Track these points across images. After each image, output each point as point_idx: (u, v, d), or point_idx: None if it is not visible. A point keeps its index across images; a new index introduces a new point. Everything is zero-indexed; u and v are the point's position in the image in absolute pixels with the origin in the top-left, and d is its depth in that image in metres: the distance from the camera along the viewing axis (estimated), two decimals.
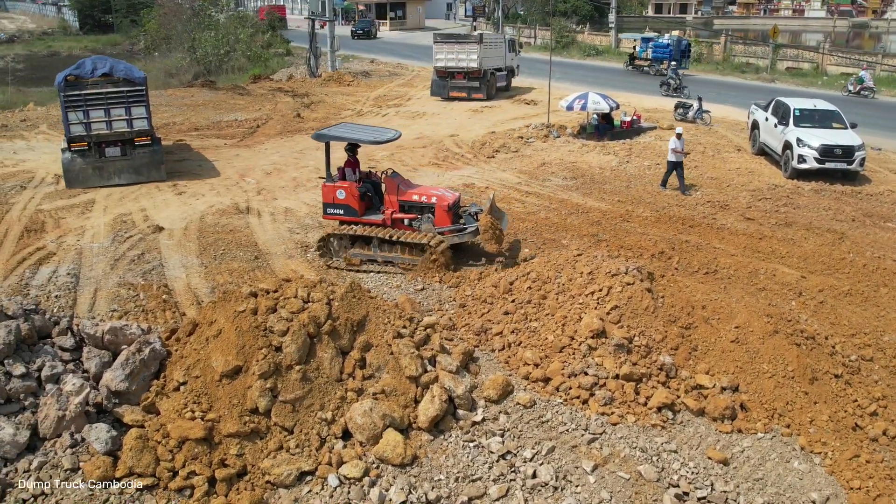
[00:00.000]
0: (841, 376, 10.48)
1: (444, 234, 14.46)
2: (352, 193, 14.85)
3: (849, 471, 8.99)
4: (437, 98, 35.49)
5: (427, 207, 14.84)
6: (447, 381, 9.80)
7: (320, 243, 15.11)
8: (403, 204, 14.91)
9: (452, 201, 14.86)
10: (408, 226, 14.89)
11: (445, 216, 14.69)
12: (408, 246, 14.50)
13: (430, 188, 15.77)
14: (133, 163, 20.00)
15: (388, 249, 14.65)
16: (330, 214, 15.26)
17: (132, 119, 19.74)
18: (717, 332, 10.69)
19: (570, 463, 8.98)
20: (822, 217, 17.77)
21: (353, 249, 14.87)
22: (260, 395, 9.18)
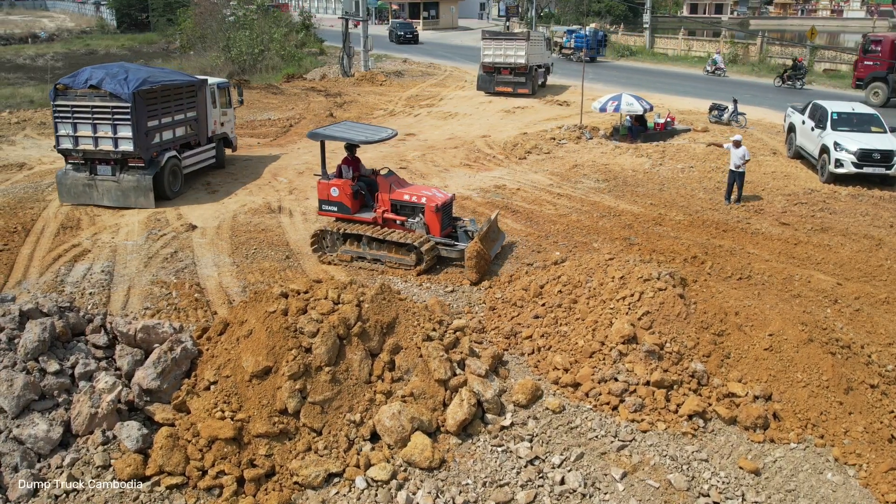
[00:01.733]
0: (877, 386, 10.28)
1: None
2: (345, 191, 15.05)
3: (884, 484, 8.80)
4: (480, 93, 36.32)
5: (417, 208, 14.94)
6: (476, 385, 9.77)
7: (313, 239, 15.38)
8: (395, 203, 15.06)
9: (442, 202, 14.90)
10: (400, 225, 15.02)
11: (434, 217, 14.78)
12: (396, 245, 14.66)
13: (423, 188, 15.83)
14: (121, 185, 18.14)
15: (377, 248, 14.84)
16: (324, 211, 15.51)
17: (117, 138, 17.83)
18: (750, 340, 10.54)
19: (599, 470, 8.90)
20: (860, 223, 17.46)
21: (345, 246, 15.08)
22: (289, 395, 9.21)
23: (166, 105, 18.78)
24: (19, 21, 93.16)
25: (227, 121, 22.25)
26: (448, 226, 15.29)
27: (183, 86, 19.51)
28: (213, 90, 21.26)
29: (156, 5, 79.38)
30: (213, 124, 21.23)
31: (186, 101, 19.67)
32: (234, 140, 22.87)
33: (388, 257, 14.75)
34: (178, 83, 19.32)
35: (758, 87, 39.40)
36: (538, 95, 35.71)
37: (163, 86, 18.50)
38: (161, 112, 18.59)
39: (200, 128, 20.44)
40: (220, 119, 21.81)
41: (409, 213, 15.09)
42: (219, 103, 21.60)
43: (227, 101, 22.24)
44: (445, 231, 15.16)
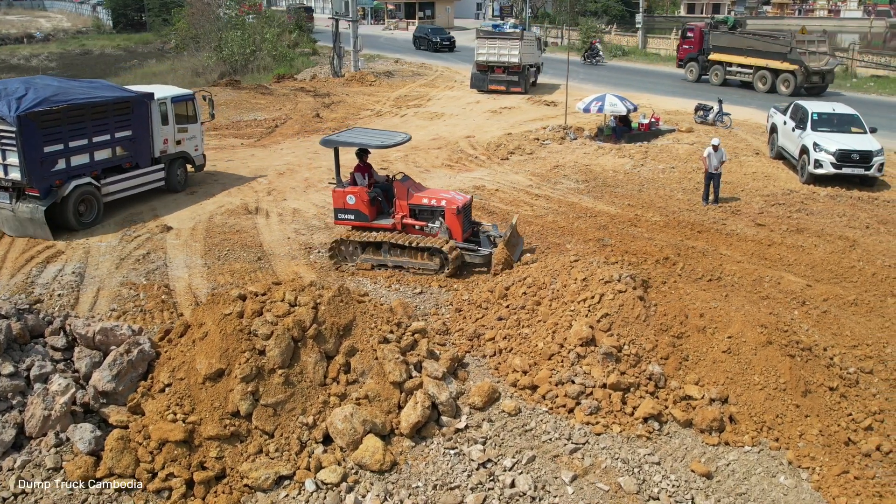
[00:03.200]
0: (836, 389, 10.25)
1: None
2: (361, 198, 14.75)
3: (836, 487, 8.77)
4: (469, 93, 36.65)
5: (437, 211, 14.66)
6: (431, 388, 9.75)
7: (331, 250, 14.99)
8: (414, 208, 14.76)
9: (463, 204, 14.65)
10: (420, 230, 14.71)
11: (455, 219, 14.50)
12: (419, 250, 14.36)
13: (441, 191, 15.61)
14: (16, 215, 16.30)
15: (399, 254, 14.54)
16: (341, 220, 15.16)
17: (7, 165, 16.07)
18: (709, 342, 10.51)
19: (550, 473, 8.87)
20: (836, 224, 17.42)
21: (364, 254, 14.74)
22: (241, 398, 9.20)
23: (78, 126, 16.77)
24: (16, 21, 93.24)
25: (188, 138, 20.05)
26: (468, 228, 15.00)
27: (107, 103, 17.42)
28: (166, 105, 19.26)
29: (152, 5, 79.41)
30: (161, 143, 19.13)
31: (114, 119, 17.62)
32: (199, 158, 20.64)
33: (411, 263, 14.43)
34: (96, 101, 17.16)
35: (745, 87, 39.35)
36: (525, 96, 35.66)
37: (71, 105, 16.46)
38: (68, 135, 16.56)
39: (139, 148, 18.38)
40: (177, 137, 19.68)
41: (427, 218, 14.77)
42: (173, 119, 19.48)
43: (190, 116, 20.18)
44: (466, 233, 14.88)
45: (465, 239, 14.79)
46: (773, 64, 36.88)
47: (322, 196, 19.48)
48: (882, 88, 38.19)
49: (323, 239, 16.37)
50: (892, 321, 12.69)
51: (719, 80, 40.20)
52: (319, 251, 15.69)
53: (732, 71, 39.47)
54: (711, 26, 42.78)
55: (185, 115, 20.04)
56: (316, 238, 16.45)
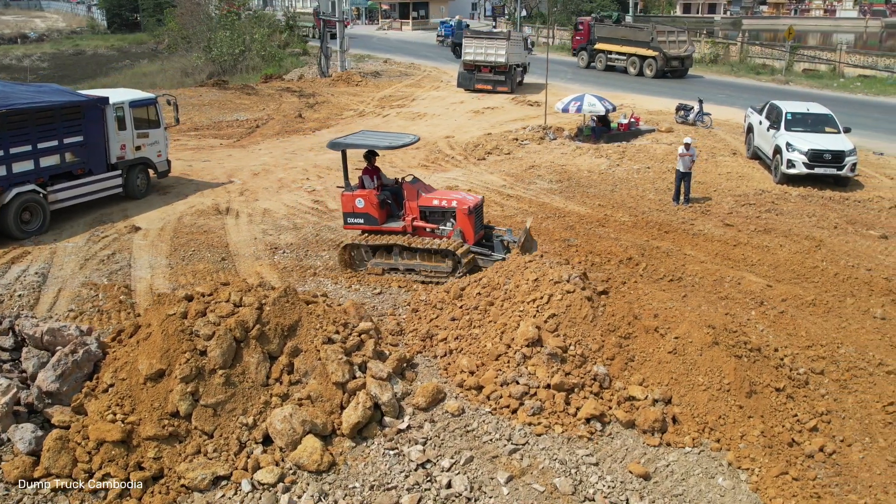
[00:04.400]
0: (783, 390, 10.23)
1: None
2: (371, 202, 14.48)
3: (774, 488, 8.75)
4: (453, 93, 36.86)
5: (449, 212, 14.42)
6: (373, 388, 9.73)
7: (341, 255, 14.83)
8: (424, 210, 14.52)
9: (474, 205, 14.39)
10: (431, 233, 14.45)
11: (467, 220, 14.24)
12: (430, 253, 14.14)
13: (451, 192, 15.43)
14: None
15: (410, 257, 14.33)
16: (350, 224, 14.89)
17: None
18: (656, 343, 10.49)
19: (487, 474, 8.85)
20: (804, 224, 17.41)
21: (375, 258, 14.56)
22: (181, 398, 9.19)
23: (20, 132, 16.44)
24: (11, 21, 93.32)
25: (149, 143, 19.62)
26: (481, 229, 14.79)
27: (53, 108, 17.11)
28: (123, 110, 18.87)
29: (146, 5, 79.43)
30: (118, 149, 18.78)
31: (62, 125, 17.28)
32: (162, 164, 20.15)
33: (423, 266, 14.20)
34: (41, 106, 16.85)
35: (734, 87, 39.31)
36: (510, 96, 35.70)
37: (10, 111, 16.11)
38: (8, 140, 16.23)
39: (92, 154, 18.04)
40: (137, 142, 19.29)
41: (438, 220, 14.54)
42: (131, 125, 19.09)
43: (152, 121, 19.80)
44: (478, 235, 14.67)
45: (477, 240, 14.56)
46: (640, 51, 43.31)
47: (294, 196, 19.50)
48: (868, 88, 38.21)
49: (290, 239, 16.38)
50: (848, 321, 12.68)
51: (602, 66, 46.55)
52: (284, 251, 15.69)
53: (612, 58, 45.81)
54: (597, 20, 49.32)
55: (146, 120, 19.63)
56: (283, 238, 16.46)
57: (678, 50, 43.41)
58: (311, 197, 19.45)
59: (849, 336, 12.18)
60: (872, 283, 14.05)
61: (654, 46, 43.01)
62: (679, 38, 44.55)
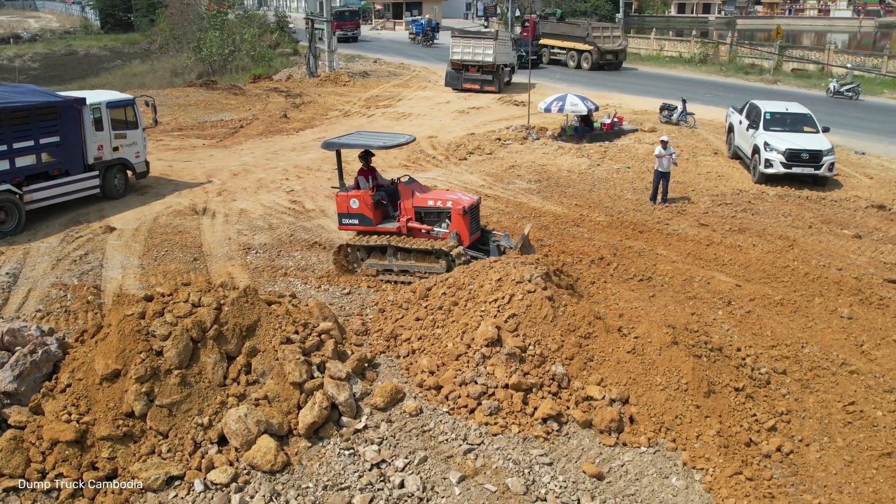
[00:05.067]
0: (743, 389, 10.25)
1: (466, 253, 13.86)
2: (365, 202, 14.34)
3: (726, 488, 8.76)
4: (439, 93, 36.88)
5: (444, 213, 14.26)
6: (330, 388, 9.73)
7: (335, 256, 14.73)
8: (420, 210, 14.38)
9: (469, 205, 14.20)
10: (426, 234, 14.31)
11: (462, 221, 14.06)
12: (424, 254, 14.02)
13: (446, 192, 15.29)
14: None
15: (404, 258, 14.18)
16: (345, 225, 14.75)
17: None
18: (615, 343, 10.49)
19: (440, 474, 8.85)
20: (780, 223, 17.42)
21: (370, 259, 14.42)
22: (135, 398, 9.18)
23: None
24: (4, 21, 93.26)
25: (127, 144, 19.59)
26: (477, 230, 14.61)
27: (28, 108, 17.16)
28: (100, 111, 18.85)
29: (139, 5, 79.38)
30: (95, 150, 18.76)
31: (38, 125, 17.28)
32: (140, 165, 20.10)
33: (416, 267, 14.05)
34: (15, 106, 16.87)
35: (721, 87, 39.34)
36: (496, 95, 35.72)
37: None
38: None
39: (69, 155, 18.06)
40: (114, 143, 19.24)
41: (434, 221, 14.39)
42: (109, 125, 19.06)
43: (130, 122, 19.74)
44: (474, 236, 14.49)
45: (473, 242, 14.38)
46: (578, 46, 46.35)
47: (272, 196, 19.50)
48: None
49: (264, 240, 16.37)
50: (815, 321, 12.70)
51: (546, 59, 49.61)
52: (257, 252, 15.68)
53: (554, 52, 49.11)
54: (541, 17, 53.82)
55: (124, 121, 19.54)
56: (257, 239, 16.45)
57: (612, 44, 46.98)
58: (289, 197, 19.44)
59: (814, 336, 12.20)
60: (842, 282, 14.06)
61: (589, 41, 46.39)
62: (613, 34, 48.25)
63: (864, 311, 13.08)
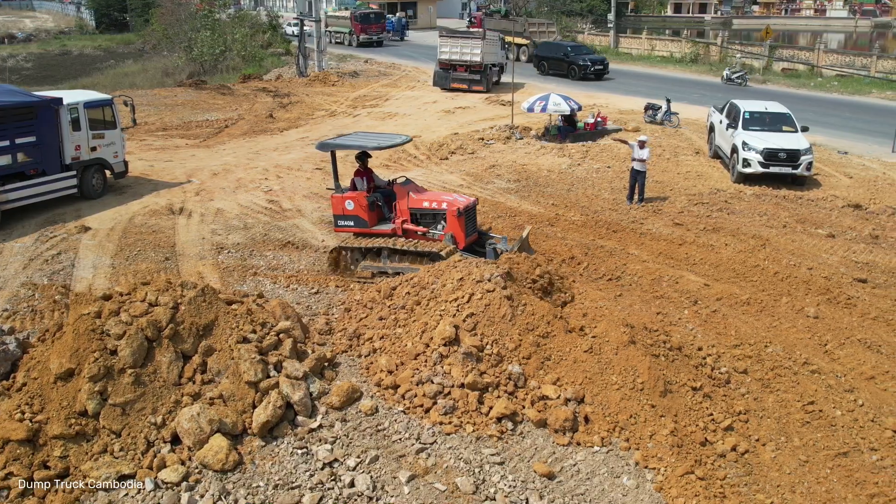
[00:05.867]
0: (700, 389, 10.26)
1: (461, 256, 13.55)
2: (360, 204, 14.26)
3: (676, 488, 8.76)
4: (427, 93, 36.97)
5: (439, 214, 14.11)
6: (285, 388, 9.73)
7: (330, 258, 14.63)
8: (415, 212, 14.27)
9: (464, 206, 14.03)
10: (422, 236, 14.16)
11: (456, 222, 13.90)
12: (418, 256, 13.85)
13: (442, 193, 15.21)
14: None
15: (399, 260, 14.00)
16: (341, 227, 14.67)
17: None
18: (573, 342, 10.50)
19: (390, 473, 8.86)
20: (755, 223, 17.42)
21: (365, 262, 14.26)
22: (88, 397, 9.18)
23: None
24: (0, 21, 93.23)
25: (105, 144, 19.55)
26: (473, 232, 14.43)
27: (4, 108, 17.14)
28: (77, 111, 18.82)
29: (134, 5, 79.42)
30: (72, 150, 18.72)
31: (14, 125, 17.27)
32: (119, 165, 20.06)
33: (411, 269, 13.71)
34: None
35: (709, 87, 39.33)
36: (483, 95, 35.75)
37: None
38: None
39: (45, 155, 18.04)
40: (92, 143, 19.21)
41: (430, 222, 14.30)
42: (86, 125, 19.03)
43: (108, 122, 19.73)
44: (471, 237, 14.40)
45: (469, 244, 14.22)
46: (517, 40, 46.85)
47: (249, 196, 19.50)
48: (844, 88, 38.25)
49: (237, 239, 16.37)
50: (780, 320, 12.70)
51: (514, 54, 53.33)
52: (230, 251, 15.68)
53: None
54: (487, 14, 57.85)
55: (102, 121, 19.53)
56: (231, 238, 16.44)
57: (547, 39, 51.07)
58: (267, 197, 19.44)
59: (779, 335, 12.20)
60: (811, 281, 14.06)
61: (526, 36, 50.60)
62: (548, 30, 53.39)
63: (831, 311, 13.08)
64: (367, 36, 59.10)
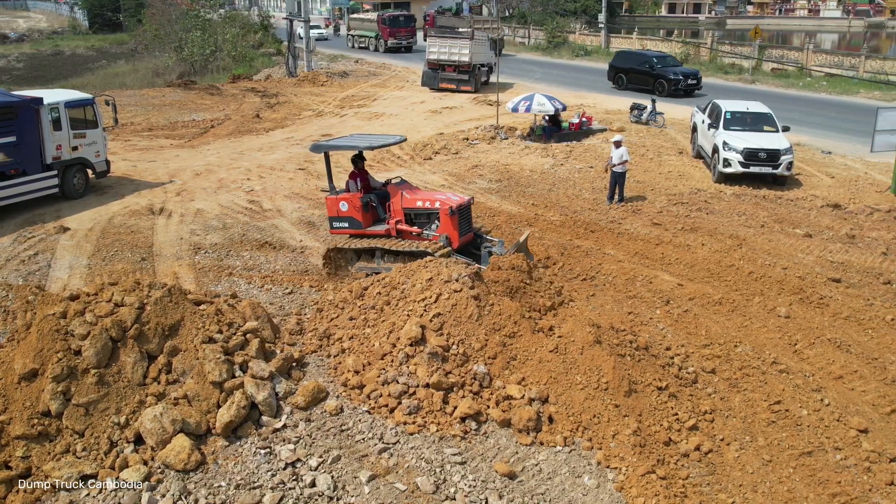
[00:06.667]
0: (666, 388, 10.27)
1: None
2: (354, 205, 14.13)
3: (637, 487, 8.77)
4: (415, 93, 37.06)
5: (433, 214, 13.92)
6: (250, 388, 9.74)
7: (325, 259, 14.56)
8: (409, 212, 14.10)
9: (458, 205, 13.80)
10: (416, 236, 13.97)
11: (449, 221, 13.70)
12: (410, 256, 13.61)
13: (436, 193, 15.11)
14: None
15: (392, 261, 13.82)
16: (336, 229, 14.55)
17: None
18: (539, 342, 10.51)
19: (351, 473, 8.88)
20: (733, 223, 17.45)
21: (360, 262, 14.15)
22: (51, 397, 9.19)
23: None
24: None
25: (87, 143, 19.64)
26: (468, 231, 14.23)
27: None
28: (58, 110, 18.92)
29: (128, 5, 79.34)
30: (54, 149, 18.82)
31: None
32: (101, 165, 20.20)
33: None
34: None
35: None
36: (471, 95, 35.79)
37: None
38: None
39: (26, 155, 18.14)
40: (73, 143, 19.31)
41: (424, 223, 14.08)
42: (67, 125, 19.13)
43: (90, 122, 19.84)
44: (465, 237, 14.15)
45: (465, 244, 14.04)
46: None
47: (230, 197, 19.51)
48: (833, 88, 38.30)
49: (215, 239, 16.38)
50: (752, 320, 12.73)
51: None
52: (206, 252, 15.68)
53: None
54: (438, 12, 61.05)
55: (83, 121, 19.60)
56: (209, 239, 16.45)
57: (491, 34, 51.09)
58: (248, 197, 19.45)
59: (749, 335, 12.23)
60: (785, 281, 14.09)
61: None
62: (493, 26, 55.22)
63: (803, 311, 13.11)
64: (395, 41, 57.31)
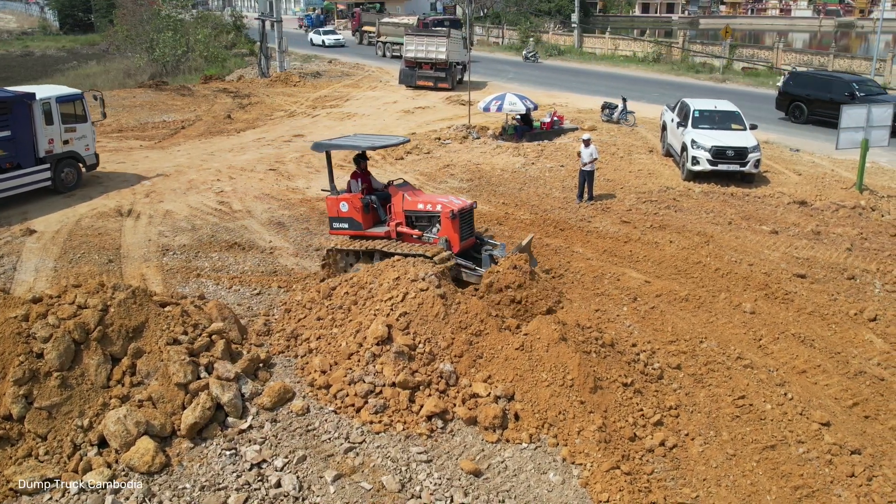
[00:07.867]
0: (631, 385, 10.35)
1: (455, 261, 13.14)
2: (354, 206, 13.94)
3: (601, 483, 8.83)
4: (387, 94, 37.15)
5: (434, 217, 13.69)
6: (215, 389, 9.70)
7: (324, 261, 14.42)
8: (410, 215, 13.88)
9: (459, 208, 13.51)
10: (417, 239, 13.77)
11: (450, 225, 13.42)
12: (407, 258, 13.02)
13: (438, 196, 14.98)
14: None
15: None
16: (336, 229, 14.34)
17: None
18: (505, 340, 10.56)
19: (317, 473, 8.87)
20: (701, 220, 17.61)
21: (358, 264, 13.88)
22: (13, 401, 9.10)
23: None
24: None
25: (76, 138, 20.18)
26: (469, 236, 13.93)
27: None
28: (50, 105, 19.42)
29: (99, 6, 78.57)
30: (46, 143, 19.28)
31: None
32: (90, 158, 20.75)
33: None
34: None
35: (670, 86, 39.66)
36: (444, 94, 35.85)
37: None
38: None
39: (20, 149, 18.60)
40: (64, 136, 19.82)
41: (425, 226, 13.82)
42: (59, 119, 19.61)
43: (80, 116, 20.36)
44: (467, 241, 13.76)
45: (465, 248, 13.78)
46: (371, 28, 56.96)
47: (200, 198, 19.39)
48: None
49: (184, 241, 16.27)
50: (718, 316, 12.85)
51: (367, 42, 63.05)
52: (175, 253, 15.59)
53: (370, 36, 61.57)
54: (364, 10, 68.95)
55: (73, 115, 20.15)
56: (177, 240, 16.34)
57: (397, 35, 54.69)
58: (218, 198, 19.34)
59: (715, 331, 12.35)
60: (750, 277, 14.24)
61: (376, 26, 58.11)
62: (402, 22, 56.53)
63: (768, 306, 13.26)
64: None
